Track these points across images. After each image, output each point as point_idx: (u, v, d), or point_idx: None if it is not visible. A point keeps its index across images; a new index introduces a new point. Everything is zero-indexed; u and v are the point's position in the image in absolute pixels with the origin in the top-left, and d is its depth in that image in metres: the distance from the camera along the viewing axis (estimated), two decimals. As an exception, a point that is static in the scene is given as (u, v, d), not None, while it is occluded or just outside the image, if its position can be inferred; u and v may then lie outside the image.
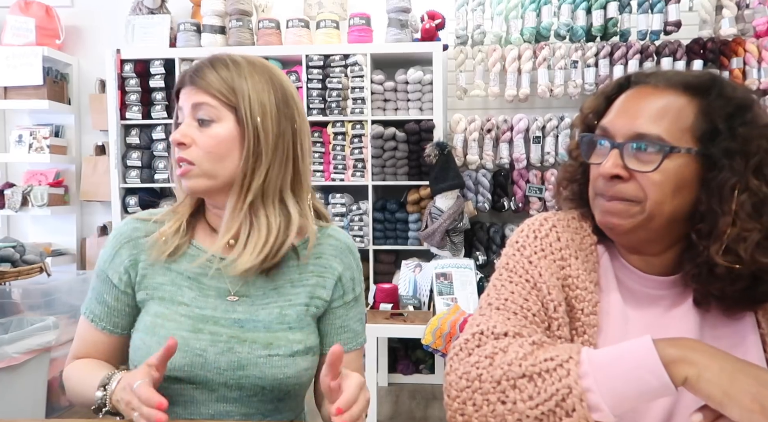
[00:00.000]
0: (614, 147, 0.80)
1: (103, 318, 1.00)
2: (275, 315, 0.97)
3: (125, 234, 1.01)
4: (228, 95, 0.94)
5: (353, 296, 1.06)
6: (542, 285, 0.83)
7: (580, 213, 0.93)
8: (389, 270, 3.27)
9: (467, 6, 3.19)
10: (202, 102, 0.94)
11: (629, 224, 0.80)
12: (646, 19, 3.03)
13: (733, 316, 0.83)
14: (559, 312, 0.82)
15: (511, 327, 0.77)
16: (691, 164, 0.78)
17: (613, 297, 0.86)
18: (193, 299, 0.97)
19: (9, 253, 2.90)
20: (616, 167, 0.79)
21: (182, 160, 0.95)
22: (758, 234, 0.74)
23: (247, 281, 0.99)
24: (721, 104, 0.78)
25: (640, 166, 0.78)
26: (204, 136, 0.94)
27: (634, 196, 0.79)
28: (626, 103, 0.83)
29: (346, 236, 1.09)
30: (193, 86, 0.95)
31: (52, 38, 3.55)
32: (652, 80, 0.83)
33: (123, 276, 0.99)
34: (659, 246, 0.84)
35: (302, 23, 3.27)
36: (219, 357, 0.93)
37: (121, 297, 1.00)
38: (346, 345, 1.04)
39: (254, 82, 0.96)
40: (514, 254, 0.89)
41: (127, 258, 0.99)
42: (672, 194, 0.78)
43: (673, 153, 0.77)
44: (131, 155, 3.37)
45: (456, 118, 3.22)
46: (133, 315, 1.00)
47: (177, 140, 0.94)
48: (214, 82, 0.95)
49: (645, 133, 0.78)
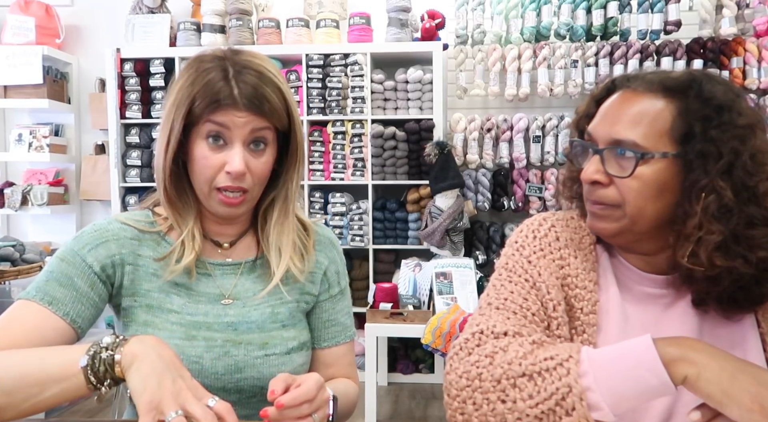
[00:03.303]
0: (595, 152, 0.81)
1: (67, 303, 0.86)
2: (268, 315, 0.97)
3: (112, 231, 0.94)
4: (284, 122, 0.93)
5: (339, 289, 1.07)
6: (541, 285, 0.84)
7: (579, 213, 0.93)
8: (389, 269, 3.27)
9: (467, 5, 3.19)
10: (264, 127, 0.90)
11: (613, 228, 0.81)
12: (646, 18, 3.03)
13: (731, 317, 0.82)
14: (559, 311, 0.82)
15: (511, 327, 0.77)
16: (670, 167, 0.77)
17: (613, 295, 0.86)
18: (183, 306, 0.94)
19: (9, 252, 2.90)
20: (596, 173, 0.80)
21: (239, 189, 0.90)
22: (718, 237, 0.74)
23: (236, 284, 0.98)
24: (698, 106, 0.77)
25: (618, 172, 0.79)
26: (258, 163, 0.91)
27: (613, 201, 0.80)
28: (607, 108, 0.83)
29: (329, 231, 1.10)
30: (253, 111, 0.88)
31: (52, 37, 3.55)
32: (632, 84, 0.83)
33: (107, 268, 0.91)
34: (652, 246, 0.84)
35: (302, 23, 3.27)
36: (216, 363, 0.92)
37: (97, 285, 0.90)
38: (335, 338, 1.05)
39: (292, 97, 0.95)
40: (513, 254, 0.89)
41: (116, 254, 0.93)
42: (653, 198, 0.78)
43: (647, 158, 0.77)
44: (131, 154, 3.37)
45: (456, 117, 3.22)
46: (96, 314, 0.91)
47: (241, 172, 0.88)
48: (278, 108, 0.90)
49: (621, 139, 0.78)
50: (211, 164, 0.89)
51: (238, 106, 0.87)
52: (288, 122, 0.94)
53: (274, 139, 0.93)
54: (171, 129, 0.89)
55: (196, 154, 0.90)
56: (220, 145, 0.89)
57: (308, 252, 1.03)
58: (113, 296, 0.94)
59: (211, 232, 1.00)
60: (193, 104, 0.88)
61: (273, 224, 0.99)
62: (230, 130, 0.88)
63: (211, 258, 0.99)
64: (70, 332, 0.86)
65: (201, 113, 0.88)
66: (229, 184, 0.89)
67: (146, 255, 0.95)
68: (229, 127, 0.88)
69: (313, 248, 1.05)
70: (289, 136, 0.96)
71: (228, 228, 1.01)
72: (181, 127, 0.89)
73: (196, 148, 0.90)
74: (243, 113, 0.87)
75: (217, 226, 1.00)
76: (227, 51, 0.92)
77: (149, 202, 1.02)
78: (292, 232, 1.00)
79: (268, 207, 1.01)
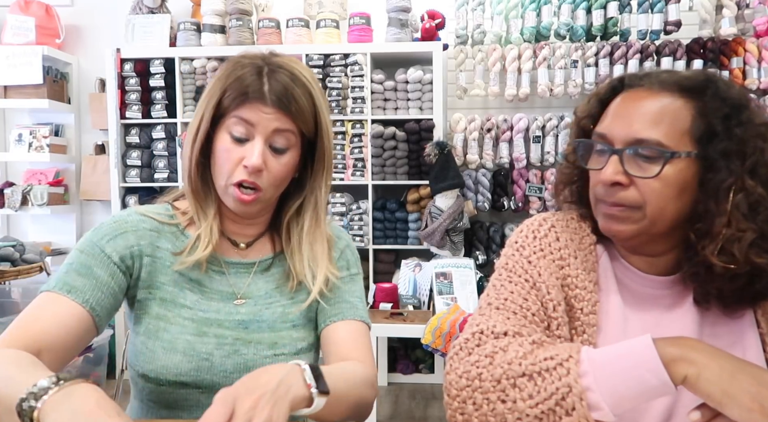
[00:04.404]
0: (613, 153, 0.79)
1: (86, 291, 0.85)
2: (279, 314, 0.97)
3: (132, 223, 0.94)
4: (309, 127, 0.92)
5: (347, 274, 1.05)
6: (541, 285, 0.83)
7: (579, 214, 0.93)
8: (389, 269, 3.27)
9: (467, 5, 3.19)
10: (288, 129, 0.90)
11: (632, 230, 0.80)
12: (646, 18, 3.03)
13: (732, 315, 0.83)
14: (559, 311, 0.82)
15: (511, 327, 0.77)
16: (690, 167, 0.77)
17: (613, 296, 0.86)
18: (196, 302, 0.95)
19: (9, 252, 2.90)
20: (616, 174, 0.79)
21: (252, 185, 0.90)
22: (752, 234, 0.74)
23: (249, 283, 0.99)
24: (717, 105, 0.77)
25: (640, 172, 0.77)
26: (276, 163, 0.91)
27: (635, 203, 0.79)
28: (622, 107, 0.82)
29: (336, 226, 1.10)
30: (281, 111, 0.88)
31: (52, 37, 3.55)
32: (645, 83, 0.82)
33: (126, 258, 0.91)
34: (661, 247, 0.84)
35: (302, 23, 3.27)
36: (225, 360, 0.92)
37: (117, 275, 0.90)
38: (341, 313, 0.99)
39: (325, 105, 0.94)
40: (513, 254, 0.89)
41: (135, 246, 0.93)
42: (674, 198, 0.77)
43: (674, 158, 0.76)
44: (131, 154, 3.37)
45: (456, 117, 3.22)
46: (115, 305, 0.91)
47: (258, 167, 0.88)
48: (306, 111, 0.90)
49: (644, 139, 0.77)
50: (231, 158, 0.89)
51: (265, 101, 0.88)
52: (315, 128, 0.94)
53: (298, 143, 0.93)
54: (201, 119, 0.91)
55: (219, 147, 0.91)
56: (243, 140, 0.90)
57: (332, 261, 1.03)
58: (130, 287, 0.94)
59: (230, 232, 1.00)
60: (223, 96, 0.89)
61: (305, 234, 0.99)
62: (254, 126, 0.89)
63: (227, 257, 0.99)
64: (89, 320, 0.85)
65: (229, 105, 0.89)
66: (244, 178, 0.89)
67: (165, 247, 0.95)
68: (254, 123, 0.88)
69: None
70: (315, 143, 0.96)
71: (246, 228, 1.01)
72: (210, 118, 0.90)
73: (220, 141, 0.91)
74: (270, 109, 0.88)
75: (235, 226, 1.00)
76: (267, 53, 0.94)
77: (170, 196, 1.03)
78: (325, 242, 1.00)
79: (294, 215, 1.00)
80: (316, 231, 1.00)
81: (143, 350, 0.92)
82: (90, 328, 0.86)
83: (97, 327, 0.87)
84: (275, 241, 1.04)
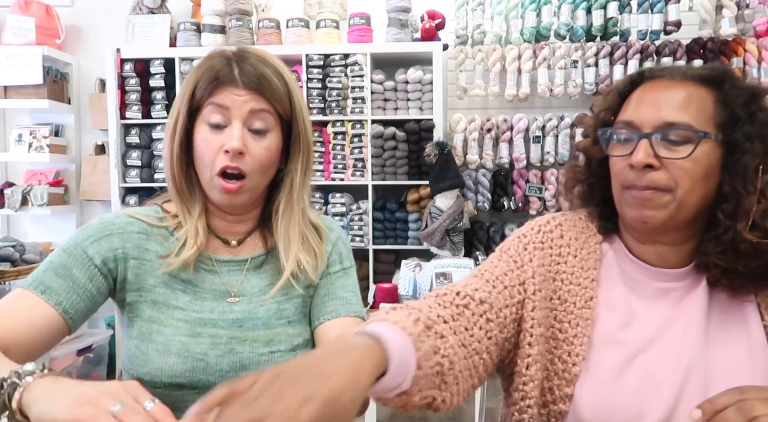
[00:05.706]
0: (643, 137, 0.82)
1: (61, 293, 0.85)
2: (273, 311, 0.97)
3: (118, 225, 0.94)
4: (285, 107, 0.92)
5: (340, 268, 1.04)
6: (528, 267, 0.88)
7: (587, 214, 0.96)
8: (389, 269, 3.27)
9: (467, 6, 3.19)
10: (264, 109, 0.90)
11: (662, 216, 0.82)
12: (646, 18, 3.03)
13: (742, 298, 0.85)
14: (537, 295, 0.86)
15: (471, 290, 0.81)
16: (715, 150, 0.81)
17: (619, 292, 0.89)
18: (189, 303, 0.94)
19: (9, 253, 2.90)
20: (648, 157, 0.81)
21: (236, 171, 0.89)
22: None
23: (242, 280, 0.98)
24: (736, 93, 0.82)
25: (671, 154, 0.80)
26: (258, 146, 0.91)
27: (666, 185, 0.81)
28: (648, 95, 0.85)
29: (329, 219, 1.10)
30: (254, 91, 0.89)
31: (52, 38, 3.55)
32: (667, 74, 0.87)
33: (109, 262, 0.91)
34: (683, 234, 0.86)
35: (302, 23, 3.27)
36: (220, 360, 0.91)
37: (97, 278, 0.90)
38: (334, 311, 0.99)
39: (298, 88, 0.94)
40: (513, 240, 0.94)
41: (119, 249, 0.92)
42: (701, 180, 0.81)
43: (706, 138, 0.80)
44: (131, 154, 3.37)
45: (456, 117, 3.22)
46: (92, 307, 0.90)
47: (237, 149, 0.88)
48: (279, 91, 0.90)
49: (675, 122, 0.81)
50: (212, 146, 0.89)
51: (237, 84, 0.89)
52: (290, 108, 0.94)
53: (278, 125, 0.93)
54: (177, 115, 0.92)
55: (198, 139, 0.91)
56: (222, 126, 0.90)
57: (321, 253, 1.02)
58: (117, 291, 0.94)
59: (219, 230, 1.00)
60: (196, 88, 0.90)
61: (280, 217, 0.98)
62: (229, 110, 0.89)
63: (218, 255, 0.98)
64: (60, 322, 0.85)
65: (202, 95, 0.90)
66: (227, 164, 0.89)
67: (153, 249, 0.95)
68: (228, 107, 0.89)
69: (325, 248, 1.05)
70: (291, 124, 0.96)
71: (236, 226, 1.00)
72: (187, 112, 0.91)
73: (199, 133, 0.91)
74: (242, 91, 0.89)
75: (224, 224, 0.99)
76: (236, 49, 0.95)
77: (159, 198, 1.03)
78: (298, 224, 0.98)
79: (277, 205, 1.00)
80: (290, 214, 0.98)
81: (137, 353, 0.91)
82: (61, 329, 0.86)
83: (70, 328, 0.87)
84: (267, 238, 1.03)
